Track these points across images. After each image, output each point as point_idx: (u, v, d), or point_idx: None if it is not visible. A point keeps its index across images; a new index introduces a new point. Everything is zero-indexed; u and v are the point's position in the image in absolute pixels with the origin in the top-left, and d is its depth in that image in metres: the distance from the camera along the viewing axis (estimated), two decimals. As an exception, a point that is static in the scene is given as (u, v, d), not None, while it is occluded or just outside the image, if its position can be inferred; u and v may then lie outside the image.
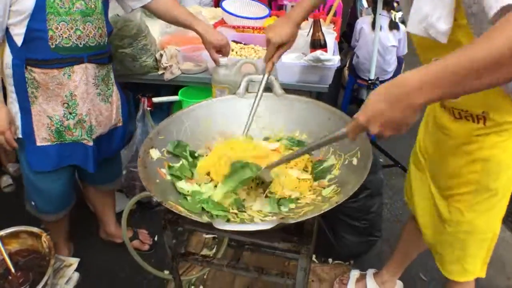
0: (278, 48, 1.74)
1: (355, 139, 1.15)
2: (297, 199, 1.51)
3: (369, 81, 3.30)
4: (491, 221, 1.64)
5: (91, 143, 2.13)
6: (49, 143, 2.06)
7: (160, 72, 2.70)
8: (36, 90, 1.94)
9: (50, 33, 1.82)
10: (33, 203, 2.20)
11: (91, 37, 1.93)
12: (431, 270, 2.70)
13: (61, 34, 1.85)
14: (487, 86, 0.95)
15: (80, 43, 1.90)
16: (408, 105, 0.98)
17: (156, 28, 2.87)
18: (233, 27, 3.17)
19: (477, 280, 2.60)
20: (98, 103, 2.09)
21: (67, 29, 1.85)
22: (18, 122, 2.01)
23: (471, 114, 1.44)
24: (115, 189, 2.73)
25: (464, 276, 1.80)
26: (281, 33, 1.70)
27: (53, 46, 1.86)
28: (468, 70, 0.91)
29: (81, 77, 1.97)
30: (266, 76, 1.77)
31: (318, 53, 2.34)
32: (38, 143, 2.05)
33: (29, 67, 1.88)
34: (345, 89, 4.43)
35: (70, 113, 2.03)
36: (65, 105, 2.01)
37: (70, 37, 1.87)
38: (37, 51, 1.86)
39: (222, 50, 2.22)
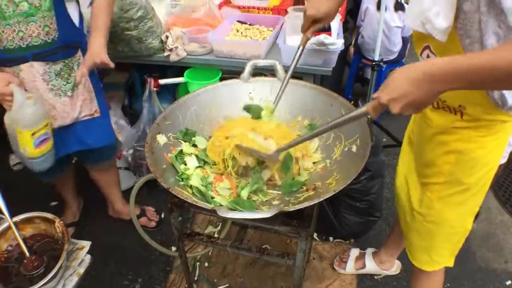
0: (314, 22, 1.68)
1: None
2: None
3: (373, 62, 3.30)
4: (461, 216, 1.62)
5: None
6: None
7: (166, 53, 2.73)
8: None
9: None
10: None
11: (35, 36, 1.91)
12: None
13: (6, 37, 1.86)
14: (507, 88, 1.01)
15: (23, 44, 1.90)
16: (431, 90, 1.03)
17: (161, 10, 2.88)
18: (238, 7, 3.17)
19: (475, 261, 2.67)
20: (50, 98, 2.08)
21: (11, 31, 1.85)
22: None
23: (448, 106, 1.42)
24: (113, 165, 2.75)
25: (431, 266, 1.81)
26: (319, 7, 1.63)
27: (1, 48, 1.88)
28: (490, 74, 0.95)
29: (27, 75, 1.98)
30: (300, 48, 1.77)
31: (322, 37, 2.34)
32: None
33: None
34: (350, 68, 4.42)
35: None
36: None
37: (13, 39, 1.87)
38: None
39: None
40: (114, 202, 2.92)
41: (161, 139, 1.64)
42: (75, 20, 2.06)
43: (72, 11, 2.03)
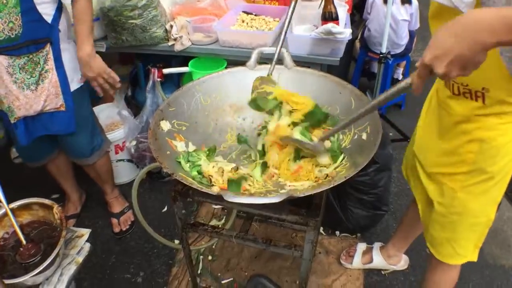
0: None
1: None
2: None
3: (381, 55, 3.26)
4: (485, 205, 1.59)
5: (12, 121, 2.19)
6: None
7: (170, 43, 2.69)
8: None
9: None
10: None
11: (0, 31, 1.93)
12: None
13: None
14: None
15: None
16: (478, 42, 0.91)
17: (166, -1, 2.85)
18: (244, -2, 3.14)
19: (483, 258, 2.64)
20: (14, 90, 2.09)
21: None
22: None
23: (469, 90, 1.38)
24: (99, 161, 2.69)
25: (455, 259, 1.77)
26: None
27: None
28: None
29: None
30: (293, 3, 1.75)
31: (330, 25, 2.30)
32: None
33: None
34: (356, 62, 4.39)
35: None
36: None
37: None
38: None
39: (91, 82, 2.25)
40: (105, 194, 2.93)
41: (165, 125, 1.59)
42: (48, 15, 2.04)
43: (46, 6, 2.02)
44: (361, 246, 2.60)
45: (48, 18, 2.04)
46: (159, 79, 2.83)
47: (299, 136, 1.55)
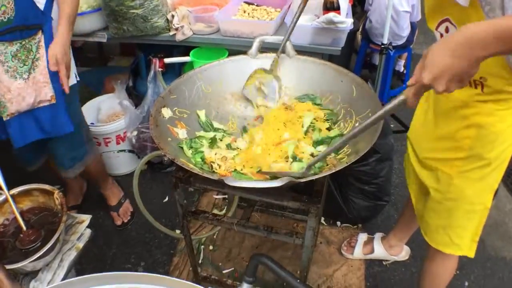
0: None
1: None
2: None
3: (382, 46, 3.25)
4: (481, 191, 1.58)
5: (5, 118, 2.07)
6: None
7: (171, 33, 2.69)
8: None
9: None
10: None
11: None
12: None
13: None
14: None
15: None
16: (472, 56, 0.94)
17: (167, -11, 2.83)
18: (245, -12, 3.12)
19: (485, 250, 2.64)
20: (5, 80, 1.99)
21: None
22: None
23: None
24: (88, 168, 2.59)
25: (451, 249, 1.75)
26: None
27: None
28: None
29: None
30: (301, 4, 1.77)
31: (331, 15, 2.29)
32: None
33: None
34: (357, 54, 4.37)
35: None
36: None
37: None
38: None
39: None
40: (101, 188, 2.90)
41: (166, 112, 1.59)
42: (40, 3, 1.98)
43: None
44: (362, 237, 2.60)
45: (41, 6, 1.99)
46: (160, 69, 2.82)
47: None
